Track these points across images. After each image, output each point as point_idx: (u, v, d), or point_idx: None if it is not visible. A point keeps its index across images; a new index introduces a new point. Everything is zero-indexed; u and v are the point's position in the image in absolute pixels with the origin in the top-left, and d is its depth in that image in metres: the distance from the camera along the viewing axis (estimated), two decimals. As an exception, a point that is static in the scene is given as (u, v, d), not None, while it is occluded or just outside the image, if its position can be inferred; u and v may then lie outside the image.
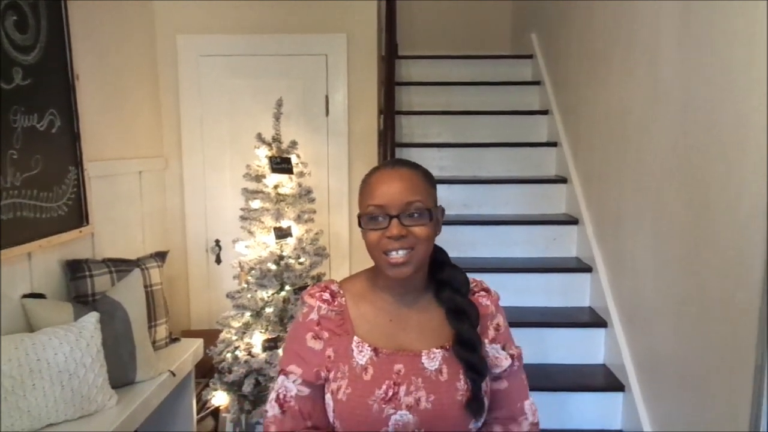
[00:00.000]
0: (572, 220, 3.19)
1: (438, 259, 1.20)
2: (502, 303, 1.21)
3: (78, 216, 2.51)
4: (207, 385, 3.03)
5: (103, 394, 2.11)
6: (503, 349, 1.20)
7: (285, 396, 1.14)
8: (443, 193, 3.46)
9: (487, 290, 1.23)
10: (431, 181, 1.16)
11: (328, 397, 1.13)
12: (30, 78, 2.19)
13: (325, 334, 1.15)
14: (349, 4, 3.50)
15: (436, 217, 1.14)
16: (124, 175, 3.06)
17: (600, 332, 2.75)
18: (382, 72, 3.56)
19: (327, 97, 3.55)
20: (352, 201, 3.64)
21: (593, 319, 2.81)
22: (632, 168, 2.48)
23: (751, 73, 1.62)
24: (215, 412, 3.07)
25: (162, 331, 2.74)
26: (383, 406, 1.08)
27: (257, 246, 2.93)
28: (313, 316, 1.17)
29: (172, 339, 2.85)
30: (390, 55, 3.53)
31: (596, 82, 2.96)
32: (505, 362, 1.19)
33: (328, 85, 3.54)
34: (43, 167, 2.26)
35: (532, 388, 1.21)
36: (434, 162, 3.65)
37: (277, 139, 2.94)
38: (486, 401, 1.13)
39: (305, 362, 1.14)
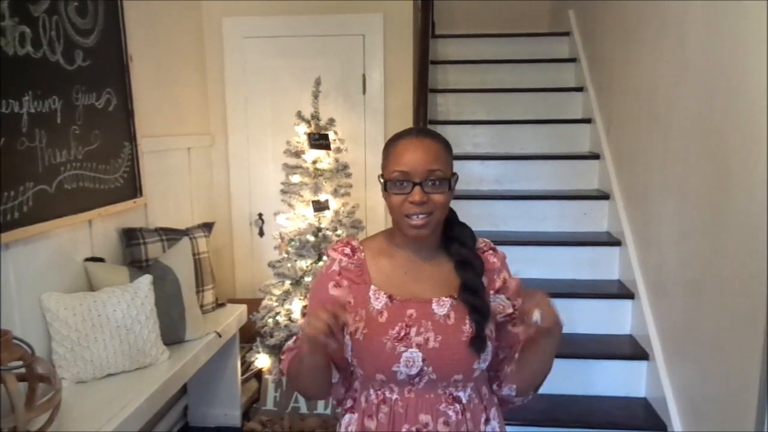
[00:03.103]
0: (604, 195, 3.24)
1: (447, 217, 1.30)
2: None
3: (132, 188, 2.72)
4: (251, 349, 3.24)
5: (156, 348, 2.32)
6: (507, 299, 1.32)
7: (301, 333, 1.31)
8: (477, 168, 3.58)
9: (494, 249, 1.35)
10: (450, 151, 1.28)
11: (347, 339, 1.26)
12: (89, 60, 2.38)
13: (345, 283, 1.30)
14: (386, -16, 3.59)
15: (452, 185, 1.25)
16: (174, 151, 3.26)
17: (627, 304, 2.82)
18: (418, 51, 3.65)
19: (364, 76, 3.67)
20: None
21: (621, 291, 2.87)
22: (659, 144, 2.52)
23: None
24: (258, 374, 3.28)
25: (209, 296, 2.94)
26: (396, 344, 1.21)
27: (297, 218, 3.10)
28: (335, 267, 1.32)
29: (219, 304, 3.05)
30: (424, 34, 3.61)
31: (628, 59, 2.98)
32: (508, 309, 1.31)
33: (365, 64, 3.66)
34: (101, 142, 2.46)
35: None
36: (468, 139, 3.74)
37: (315, 117, 3.09)
38: (489, 344, 1.25)
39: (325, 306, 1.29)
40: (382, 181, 1.26)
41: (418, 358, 1.21)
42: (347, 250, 1.33)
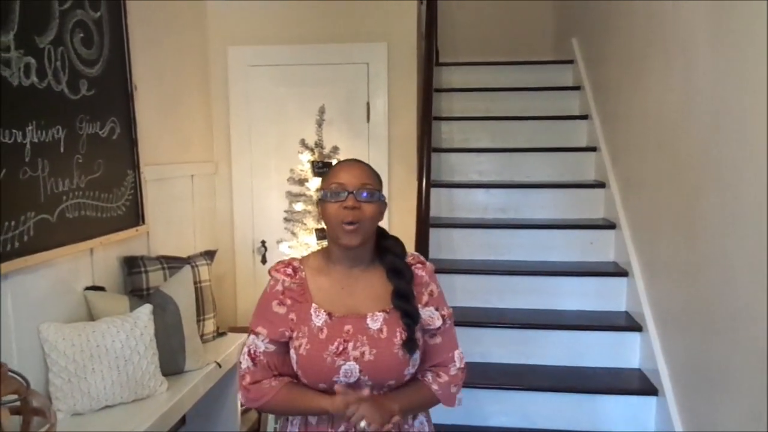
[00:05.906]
0: (610, 225, 3.20)
1: (379, 232, 1.46)
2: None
3: (135, 216, 2.71)
4: (252, 379, 3.19)
5: (155, 380, 2.28)
6: (436, 310, 1.45)
7: (255, 352, 1.40)
8: (481, 196, 3.56)
9: (422, 262, 1.49)
10: (380, 180, 1.45)
11: (292, 352, 1.39)
12: (94, 89, 2.39)
13: (288, 301, 1.41)
14: (390, 14, 3.62)
15: (382, 202, 1.42)
16: (178, 179, 3.26)
17: (635, 336, 2.76)
18: (422, 78, 3.66)
19: (368, 104, 3.68)
20: (391, 205, 3.74)
21: (629, 324, 2.81)
22: (667, 172, 2.50)
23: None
24: (259, 405, 3.22)
25: (210, 325, 2.91)
26: (335, 358, 1.35)
27: (300, 246, 3.08)
28: (279, 287, 1.42)
29: (219, 333, 3.01)
30: (428, 62, 3.62)
31: (634, 86, 2.97)
32: (437, 321, 1.44)
33: (369, 92, 3.67)
34: (104, 171, 2.46)
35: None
36: (473, 167, 3.72)
37: (319, 145, 3.09)
38: (419, 344, 1.39)
39: (272, 324, 1.40)
40: (319, 197, 1.43)
41: (355, 370, 1.35)
42: (289, 271, 1.43)
